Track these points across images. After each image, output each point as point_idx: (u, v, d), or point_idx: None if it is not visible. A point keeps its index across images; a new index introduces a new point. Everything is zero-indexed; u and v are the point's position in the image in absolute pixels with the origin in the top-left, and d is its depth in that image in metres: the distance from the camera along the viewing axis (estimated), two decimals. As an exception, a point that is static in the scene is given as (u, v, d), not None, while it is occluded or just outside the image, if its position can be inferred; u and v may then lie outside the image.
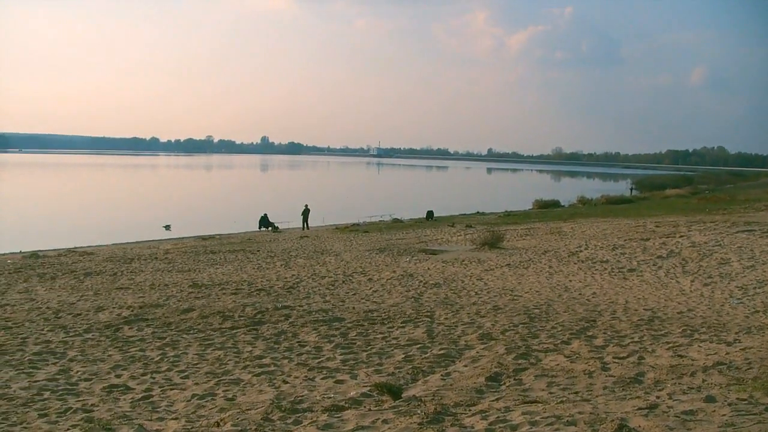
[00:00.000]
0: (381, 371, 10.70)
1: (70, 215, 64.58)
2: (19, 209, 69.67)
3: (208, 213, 65.80)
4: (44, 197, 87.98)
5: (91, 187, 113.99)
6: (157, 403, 9.56)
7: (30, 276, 23.77)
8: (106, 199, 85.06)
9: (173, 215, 56.29)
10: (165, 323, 15.14)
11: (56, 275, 23.91)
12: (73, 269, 25.36)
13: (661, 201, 70.88)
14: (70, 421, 8.82)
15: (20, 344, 13.60)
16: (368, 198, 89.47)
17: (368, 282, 21.26)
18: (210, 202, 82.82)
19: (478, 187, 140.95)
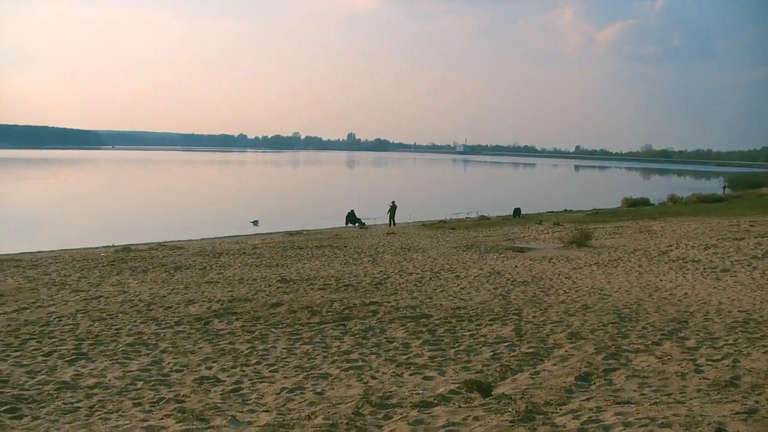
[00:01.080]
0: (469, 368, 10.63)
1: (160, 210, 65.81)
2: (112, 204, 71.32)
3: (295, 209, 66.41)
4: (136, 193, 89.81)
5: (180, 182, 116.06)
6: (247, 396, 9.65)
7: (122, 269, 24.29)
8: (195, 195, 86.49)
9: (261, 211, 56.92)
10: (254, 317, 15.31)
11: (147, 269, 24.37)
12: (163, 263, 25.83)
13: (756, 199, 69.28)
14: (163, 411, 8.97)
15: (114, 335, 13.91)
16: (455, 195, 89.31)
17: (455, 279, 21.20)
18: (297, 198, 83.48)
19: (565, 184, 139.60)
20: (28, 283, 21.52)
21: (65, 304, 17.57)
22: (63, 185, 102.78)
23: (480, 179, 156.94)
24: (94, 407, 9.31)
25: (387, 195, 57.55)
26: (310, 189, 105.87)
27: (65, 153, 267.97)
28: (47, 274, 23.42)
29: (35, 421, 8.78)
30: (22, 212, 63.29)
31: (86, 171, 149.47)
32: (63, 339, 13.70)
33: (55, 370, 11.41)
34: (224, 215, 59.27)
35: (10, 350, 12.89)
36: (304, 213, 59.13)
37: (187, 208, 67.79)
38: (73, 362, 11.88)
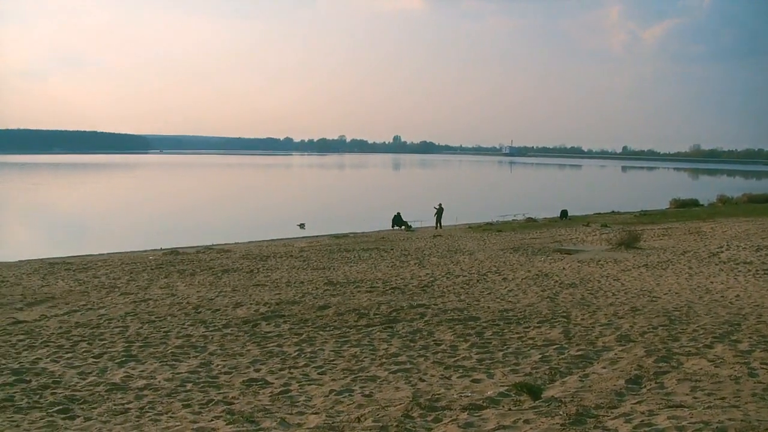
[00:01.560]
0: (517, 371, 10.55)
1: (207, 214, 66.23)
2: (160, 208, 71.97)
3: (341, 211, 66.54)
4: (183, 196, 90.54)
5: (227, 186, 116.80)
6: (295, 398, 9.66)
7: (170, 272, 24.51)
8: (242, 198, 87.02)
9: (307, 214, 57.09)
10: (301, 320, 15.34)
11: (195, 272, 24.57)
12: (211, 266, 26.01)
13: (810, 199, 68.16)
14: (212, 413, 9.02)
15: (163, 337, 14.04)
16: (501, 197, 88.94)
17: (503, 281, 21.09)
18: (343, 201, 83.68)
19: (612, 185, 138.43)
20: (79, 285, 21.81)
21: (115, 307, 17.78)
22: (111, 189, 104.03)
23: (526, 181, 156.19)
24: (144, 409, 9.40)
25: (433, 197, 57.44)
26: (356, 192, 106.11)
27: (114, 158, 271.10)
28: (97, 277, 23.71)
29: (87, 422, 8.89)
30: (73, 216, 64.13)
31: (134, 175, 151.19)
32: (113, 341, 13.86)
33: (105, 371, 11.54)
34: (271, 218, 59.59)
35: (62, 351, 13.08)
36: (351, 216, 59.26)
37: (233, 212, 68.19)
38: (123, 364, 12.01)
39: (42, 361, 12.36)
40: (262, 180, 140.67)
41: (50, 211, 70.54)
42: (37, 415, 9.31)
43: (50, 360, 12.46)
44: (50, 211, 69.59)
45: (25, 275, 24.49)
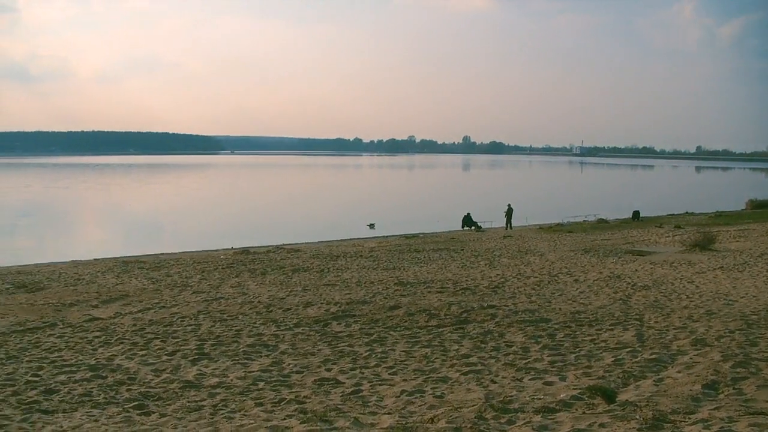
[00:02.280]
0: (590, 374, 10.39)
1: (278, 213, 66.79)
2: (231, 208, 72.74)
3: (411, 212, 66.49)
4: (253, 196, 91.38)
5: (297, 186, 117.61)
6: (367, 398, 9.66)
7: (241, 271, 24.73)
8: (312, 198, 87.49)
9: (377, 214, 57.19)
10: (372, 320, 15.35)
11: (266, 271, 24.75)
12: (281, 265, 26.18)
13: None
14: (285, 411, 9.05)
15: (235, 336, 14.16)
16: (571, 198, 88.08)
17: (574, 283, 20.86)
18: (413, 201, 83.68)
19: (686, 186, 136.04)
20: (152, 284, 22.14)
21: (187, 305, 18.00)
22: (183, 189, 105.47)
23: (597, 181, 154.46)
24: (217, 406, 9.49)
25: (503, 198, 57.14)
26: (426, 192, 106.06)
27: (186, 158, 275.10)
28: (169, 275, 24.04)
29: (163, 418, 9.01)
30: (145, 216, 65.20)
31: (206, 176, 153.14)
32: (186, 339, 14.03)
33: (179, 369, 11.68)
34: (341, 218, 59.81)
35: (137, 349, 13.28)
36: (420, 216, 59.15)
37: (304, 212, 68.61)
38: (196, 362, 12.15)
39: (117, 358, 12.57)
40: (332, 180, 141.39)
41: (124, 210, 71.82)
42: (114, 410, 9.47)
43: (125, 357, 12.67)
44: (124, 211, 70.85)
45: (100, 273, 24.95)
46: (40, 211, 68.42)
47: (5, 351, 13.44)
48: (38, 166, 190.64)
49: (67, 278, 24.01)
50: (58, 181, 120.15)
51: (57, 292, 21.06)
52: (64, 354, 13.08)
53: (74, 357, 12.78)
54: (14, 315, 17.31)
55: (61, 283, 22.96)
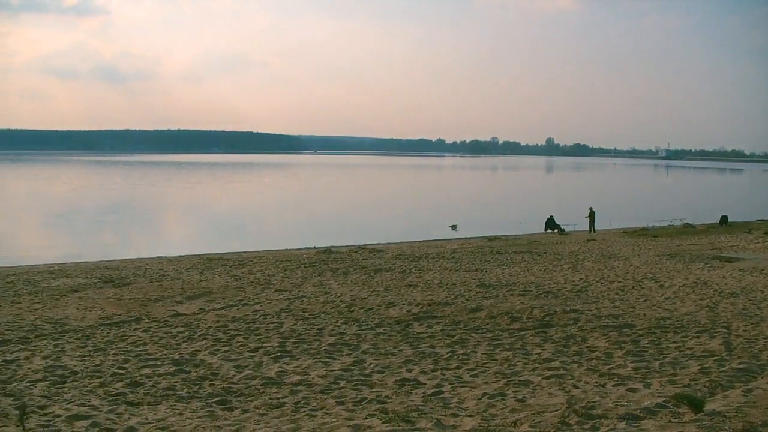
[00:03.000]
0: (675, 382, 10.18)
1: (360, 213, 67.05)
2: (313, 207, 73.25)
3: (493, 214, 66.20)
4: (336, 196, 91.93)
5: (379, 186, 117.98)
6: (448, 400, 9.61)
7: (324, 270, 24.86)
8: (394, 199, 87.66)
9: (459, 215, 57.03)
10: (453, 321, 15.29)
11: (348, 270, 24.84)
12: (363, 265, 26.25)
13: None
14: (366, 411, 9.07)
15: (317, 334, 14.24)
16: (657, 201, 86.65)
17: (659, 288, 20.48)
18: (495, 203, 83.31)
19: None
20: (235, 281, 22.39)
21: (269, 303, 18.16)
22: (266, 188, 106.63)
23: (683, 185, 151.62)
24: (299, 404, 9.55)
25: (586, 201, 56.42)
26: (509, 194, 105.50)
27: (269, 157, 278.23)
28: (252, 273, 24.29)
29: (245, 414, 9.11)
30: (229, 214, 66.03)
31: (289, 175, 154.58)
32: (268, 336, 14.15)
33: (261, 366, 11.79)
34: (423, 219, 59.75)
35: (219, 345, 13.45)
36: (503, 218, 58.85)
37: (386, 212, 68.84)
38: (278, 359, 12.25)
39: (200, 353, 12.75)
40: (415, 181, 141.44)
41: (208, 208, 72.94)
42: (198, 404, 9.61)
43: (208, 352, 12.84)
44: (208, 209, 71.95)
45: (184, 270, 25.34)
46: (127, 208, 69.80)
47: (93, 343, 13.76)
48: (125, 164, 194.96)
49: (152, 274, 24.45)
50: (144, 179, 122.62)
51: (142, 287, 21.46)
52: (149, 348, 13.33)
53: (159, 351, 13.01)
54: (101, 309, 17.69)
55: (147, 278, 23.39)
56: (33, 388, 10.56)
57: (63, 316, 16.76)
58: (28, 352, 13.12)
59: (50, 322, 15.96)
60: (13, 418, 8.91)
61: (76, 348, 13.40)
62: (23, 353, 12.98)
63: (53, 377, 11.18)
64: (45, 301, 19.00)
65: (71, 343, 13.82)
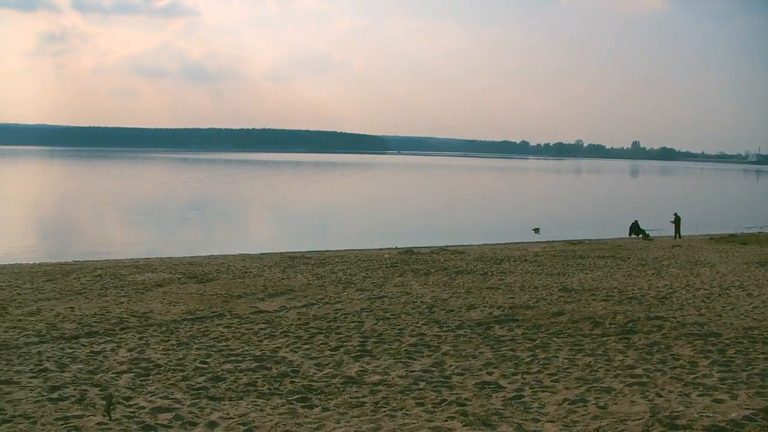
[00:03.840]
0: (764, 394, 9.90)
1: (442, 215, 66.95)
2: (395, 207, 73.42)
3: (576, 217, 65.55)
4: (419, 197, 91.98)
5: (462, 188, 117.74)
6: (528, 404, 9.53)
7: (405, 271, 24.83)
8: (476, 201, 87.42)
9: (542, 218, 56.59)
10: (535, 325, 15.15)
11: (429, 272, 24.77)
12: (445, 267, 26.16)
13: None
14: (446, 413, 9.05)
15: (397, 335, 14.24)
16: (746, 208, 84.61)
17: (747, 297, 19.98)
18: (578, 207, 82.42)
19: None
20: (317, 280, 22.51)
21: (351, 302, 18.21)
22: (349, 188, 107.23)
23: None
24: (378, 404, 9.57)
25: (672, 206, 55.45)
26: (593, 198, 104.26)
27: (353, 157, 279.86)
28: (334, 272, 24.39)
29: (326, 412, 9.16)
30: (312, 212, 66.59)
31: (372, 175, 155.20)
32: (349, 335, 14.20)
33: (341, 364, 11.85)
34: (505, 222, 59.52)
35: (300, 342, 13.55)
36: (586, 222, 58.25)
37: (468, 214, 68.63)
38: (358, 358, 12.29)
39: (281, 350, 12.87)
40: (498, 183, 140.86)
41: (290, 207, 73.64)
42: (278, 401, 9.71)
43: (289, 350, 12.95)
44: (290, 208, 72.65)
45: (266, 267, 25.57)
46: (210, 206, 70.94)
47: (176, 338, 14.00)
48: (210, 162, 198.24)
49: (235, 271, 24.73)
50: (228, 177, 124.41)
51: (225, 283, 21.72)
52: (231, 344, 13.49)
53: (240, 347, 13.16)
54: (185, 304, 17.98)
55: (230, 275, 23.66)
56: (118, 380, 10.82)
57: (148, 309, 17.09)
58: (114, 344, 13.43)
59: (135, 316, 16.30)
60: (100, 408, 9.13)
61: (160, 341, 13.66)
62: (109, 345, 13.30)
63: (138, 369, 11.44)
64: (130, 295, 19.39)
65: (155, 337, 14.09)
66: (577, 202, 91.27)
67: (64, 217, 61.21)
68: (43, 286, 21.09)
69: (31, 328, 14.82)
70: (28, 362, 11.91)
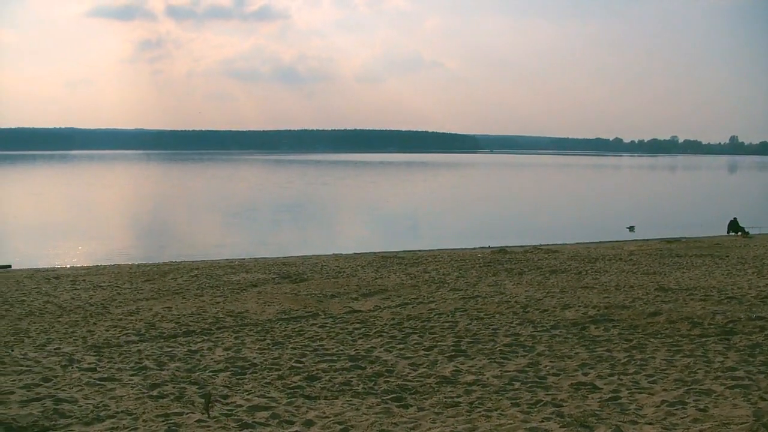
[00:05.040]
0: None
1: (534, 213, 66.50)
2: (488, 206, 73.15)
3: (672, 215, 64.35)
4: (511, 196, 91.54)
5: (555, 186, 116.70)
6: (625, 406, 9.37)
7: (498, 270, 24.70)
8: (569, 199, 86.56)
9: (637, 216, 55.73)
10: (631, 325, 14.89)
11: (523, 271, 24.59)
12: (538, 266, 25.94)
13: None
14: (542, 414, 8.97)
15: (491, 335, 14.15)
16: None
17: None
18: (674, 205, 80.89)
19: None
20: (410, 279, 22.54)
21: (444, 302, 18.18)
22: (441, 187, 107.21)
23: None
24: (473, 404, 9.53)
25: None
26: (688, 195, 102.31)
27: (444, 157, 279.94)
28: (427, 272, 24.38)
29: (421, 412, 9.17)
30: (404, 212, 66.76)
31: (464, 174, 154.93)
32: (443, 335, 14.17)
33: (435, 364, 11.83)
34: (599, 220, 58.82)
35: (395, 342, 13.58)
36: (682, 220, 57.15)
37: (561, 212, 68.02)
38: (453, 358, 12.25)
39: (376, 350, 12.91)
40: (591, 181, 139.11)
41: (382, 206, 73.89)
42: (373, 400, 9.74)
43: (383, 349, 12.98)
44: (382, 207, 72.91)
45: (359, 267, 25.72)
46: (302, 206, 71.65)
47: (272, 337, 14.18)
48: (302, 163, 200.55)
49: (328, 270, 24.93)
50: (319, 178, 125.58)
51: (319, 283, 21.91)
52: (326, 343, 13.60)
53: (335, 347, 13.26)
54: (279, 304, 18.19)
55: (323, 275, 23.86)
56: (215, 378, 11.00)
57: (243, 309, 17.35)
58: (211, 343, 13.68)
59: (231, 315, 16.57)
60: (199, 406, 9.29)
61: (256, 341, 13.85)
62: (206, 344, 13.55)
63: (234, 368, 11.61)
64: (226, 295, 19.72)
65: (251, 336, 14.30)
66: (672, 200, 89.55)
67: (161, 219, 62.64)
68: (141, 286, 21.63)
69: (131, 327, 15.23)
70: (129, 360, 12.24)
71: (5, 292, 20.81)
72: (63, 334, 14.85)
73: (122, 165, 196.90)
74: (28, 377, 10.82)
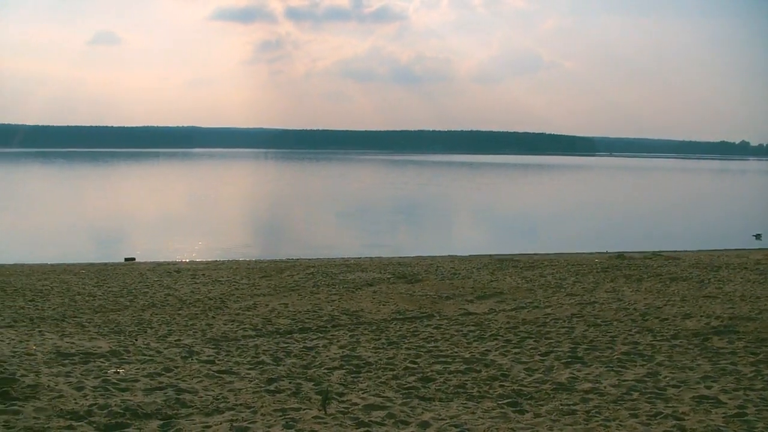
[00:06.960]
0: None
1: (654, 218, 65.10)
2: (606, 210, 71.98)
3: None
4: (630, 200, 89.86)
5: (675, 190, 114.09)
6: (753, 423, 8.96)
7: (616, 276, 24.21)
8: (691, 204, 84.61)
9: (764, 224, 53.83)
10: (758, 338, 14.30)
11: (642, 277, 24.03)
12: (658, 273, 25.31)
13: None
14: (662, 426, 8.68)
15: (609, 342, 13.85)
16: None
17: None
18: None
19: None
20: (526, 283, 22.30)
21: (560, 307, 17.91)
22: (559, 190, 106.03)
23: None
24: (590, 412, 9.30)
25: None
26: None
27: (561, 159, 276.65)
28: (543, 276, 24.08)
29: (537, 418, 9.00)
30: (519, 215, 66.24)
31: (582, 177, 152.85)
32: (559, 341, 13.95)
33: (551, 370, 11.63)
34: (722, 227, 57.17)
35: (510, 346, 13.41)
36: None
37: (682, 218, 66.43)
38: (569, 365, 12.02)
39: (491, 353, 12.78)
40: (714, 186, 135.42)
41: (498, 209, 73.46)
42: (488, 404, 9.63)
43: (498, 353, 12.84)
44: (498, 209, 72.47)
45: (475, 269, 25.57)
46: (417, 207, 71.84)
47: (386, 337, 14.21)
48: (418, 164, 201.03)
49: (443, 272, 24.86)
50: (434, 179, 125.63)
51: (434, 284, 21.87)
52: (440, 345, 13.55)
53: (449, 349, 13.19)
54: (395, 304, 18.24)
55: (438, 276, 23.81)
56: (331, 375, 11.06)
57: (358, 308, 17.45)
58: (326, 340, 13.79)
59: (346, 314, 16.69)
60: (315, 402, 9.35)
61: (370, 340, 13.90)
62: (322, 341, 13.67)
63: (349, 366, 11.68)
64: (341, 293, 19.88)
65: (366, 335, 14.36)
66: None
67: (278, 217, 63.68)
68: (258, 282, 22.00)
69: (248, 322, 15.50)
70: (246, 354, 12.45)
71: (130, 284, 21.51)
72: (183, 326, 15.24)
73: (241, 163, 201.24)
74: (150, 366, 11.14)
